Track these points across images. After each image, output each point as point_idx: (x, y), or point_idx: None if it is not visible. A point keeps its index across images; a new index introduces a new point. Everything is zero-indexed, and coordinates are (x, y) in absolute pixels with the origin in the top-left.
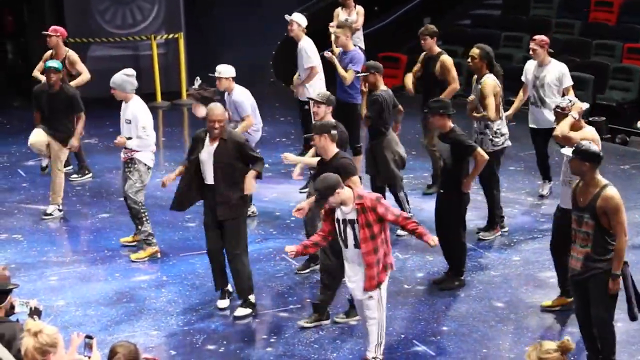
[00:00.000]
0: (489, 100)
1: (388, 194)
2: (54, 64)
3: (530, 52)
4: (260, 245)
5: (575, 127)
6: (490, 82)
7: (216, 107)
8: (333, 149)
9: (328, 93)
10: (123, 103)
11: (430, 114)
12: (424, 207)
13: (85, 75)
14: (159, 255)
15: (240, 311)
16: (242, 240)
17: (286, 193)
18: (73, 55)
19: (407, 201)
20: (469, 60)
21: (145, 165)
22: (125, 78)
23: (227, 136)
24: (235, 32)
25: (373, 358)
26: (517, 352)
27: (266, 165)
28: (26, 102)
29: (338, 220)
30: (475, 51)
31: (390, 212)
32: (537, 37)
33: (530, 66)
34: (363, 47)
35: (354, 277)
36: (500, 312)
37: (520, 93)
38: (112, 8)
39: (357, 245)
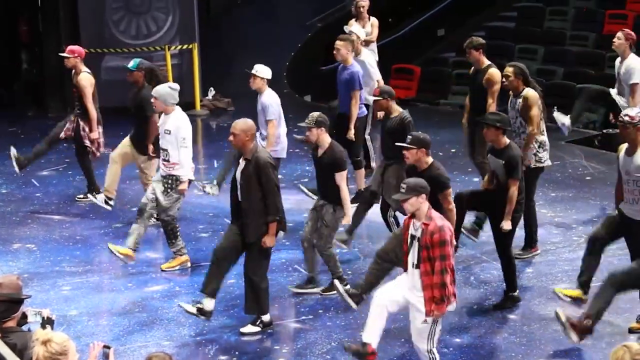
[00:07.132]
0: (534, 110)
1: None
2: (131, 63)
3: (614, 41)
4: (273, 256)
5: None
6: (533, 94)
7: (239, 120)
8: (428, 160)
9: (316, 114)
10: (163, 115)
11: (486, 125)
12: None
13: (92, 113)
14: (189, 264)
15: (248, 327)
16: (262, 267)
17: (299, 204)
18: (82, 81)
19: (398, 224)
20: (504, 80)
21: (184, 182)
22: (169, 91)
23: (252, 156)
24: (249, 43)
25: None
26: None
27: (280, 176)
28: (41, 112)
29: (410, 236)
30: (509, 70)
31: (443, 249)
32: (625, 30)
33: (617, 62)
34: (377, 59)
35: (412, 303)
36: (513, 324)
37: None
38: (127, 18)
39: (416, 265)
